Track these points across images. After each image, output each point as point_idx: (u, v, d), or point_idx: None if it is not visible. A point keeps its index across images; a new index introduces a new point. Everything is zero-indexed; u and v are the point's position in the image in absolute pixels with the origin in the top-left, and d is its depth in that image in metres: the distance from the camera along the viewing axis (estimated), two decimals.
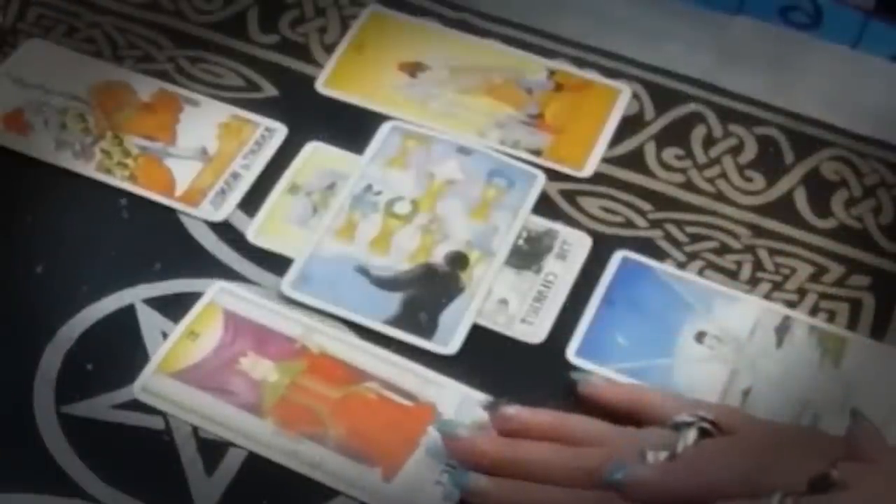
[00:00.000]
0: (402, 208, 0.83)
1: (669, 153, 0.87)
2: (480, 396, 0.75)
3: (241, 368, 0.76)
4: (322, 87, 0.89)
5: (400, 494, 0.72)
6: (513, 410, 0.73)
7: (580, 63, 0.91)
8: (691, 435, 0.70)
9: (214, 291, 0.79)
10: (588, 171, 0.86)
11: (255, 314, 0.78)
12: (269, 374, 0.76)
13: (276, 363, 0.76)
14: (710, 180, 0.86)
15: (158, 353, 0.76)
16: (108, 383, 0.75)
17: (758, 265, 0.82)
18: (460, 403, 0.75)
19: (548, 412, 0.73)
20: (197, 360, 0.76)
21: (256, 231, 0.82)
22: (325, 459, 0.73)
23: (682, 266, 0.82)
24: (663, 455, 0.68)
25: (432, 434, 0.73)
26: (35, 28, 0.91)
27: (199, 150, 0.85)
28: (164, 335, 0.77)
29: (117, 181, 0.84)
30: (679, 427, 0.70)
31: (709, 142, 0.88)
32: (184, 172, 0.84)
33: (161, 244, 0.81)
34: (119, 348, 0.76)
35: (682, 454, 0.69)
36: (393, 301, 0.79)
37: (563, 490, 0.69)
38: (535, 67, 0.91)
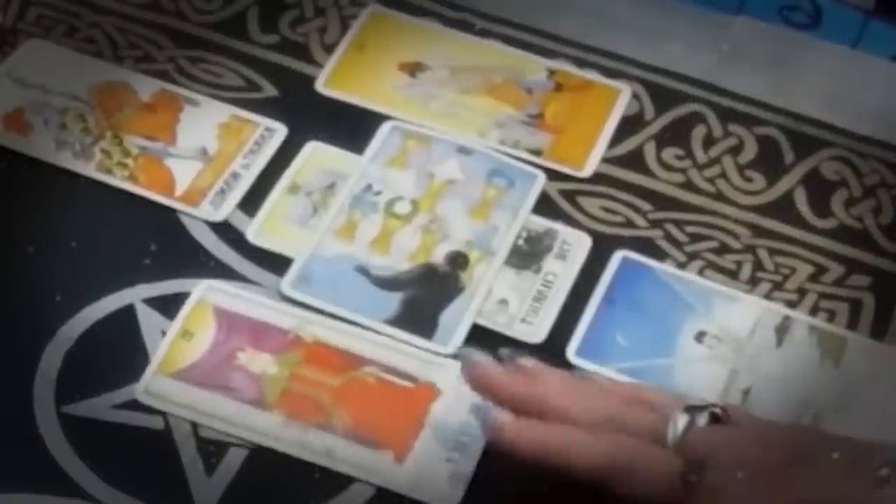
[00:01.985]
0: (402, 208, 0.83)
1: (669, 153, 0.87)
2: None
3: (240, 363, 0.76)
4: (322, 87, 0.89)
5: (413, 475, 0.72)
6: (529, 363, 0.73)
7: (580, 63, 0.91)
8: (703, 418, 0.70)
9: (202, 290, 0.78)
10: (588, 171, 0.86)
11: (245, 309, 0.78)
12: (268, 367, 0.76)
13: (274, 356, 0.76)
14: (710, 180, 0.86)
15: (156, 355, 0.76)
16: (108, 383, 0.75)
17: (758, 265, 0.82)
18: (459, 380, 0.75)
19: (565, 371, 0.73)
20: (194, 360, 0.76)
21: (256, 231, 0.82)
22: (336, 448, 0.73)
23: (682, 266, 0.82)
24: (683, 420, 0.68)
25: (436, 413, 0.73)
26: (35, 28, 0.91)
27: (199, 150, 0.85)
28: (164, 335, 0.77)
29: (117, 181, 0.84)
30: (692, 410, 0.70)
31: (709, 142, 0.88)
32: (184, 172, 0.84)
33: (161, 244, 0.81)
34: (119, 348, 0.76)
35: (699, 429, 0.69)
36: (393, 301, 0.79)
37: (585, 432, 0.69)
38: (536, 67, 0.91)
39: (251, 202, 0.83)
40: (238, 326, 0.77)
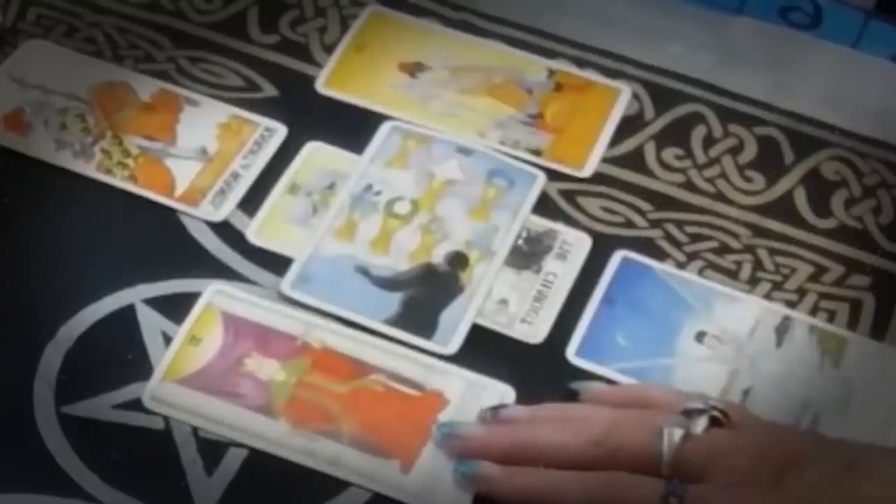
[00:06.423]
0: (402, 208, 0.83)
1: (669, 153, 0.87)
2: (485, 380, 0.75)
3: (248, 370, 0.76)
4: (322, 87, 0.89)
5: (419, 485, 0.72)
6: (514, 412, 0.73)
7: (580, 63, 0.91)
8: (702, 422, 0.70)
9: (210, 294, 0.78)
10: (588, 171, 0.86)
11: (253, 314, 0.78)
12: (276, 373, 0.76)
13: (281, 362, 0.76)
14: (710, 180, 0.86)
15: (163, 360, 0.76)
16: (108, 383, 0.75)
17: (758, 265, 0.82)
18: (466, 389, 0.75)
19: (549, 405, 0.73)
20: (202, 365, 0.76)
21: (256, 231, 0.82)
22: (343, 456, 0.73)
23: (682, 266, 0.82)
24: (678, 434, 0.69)
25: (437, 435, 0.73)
26: (35, 28, 0.91)
27: (199, 150, 0.85)
28: (165, 335, 0.77)
29: (117, 181, 0.84)
30: (691, 414, 0.70)
31: (709, 142, 0.88)
32: (184, 172, 0.84)
33: (161, 244, 0.81)
34: (119, 348, 0.76)
35: (696, 438, 0.69)
36: (393, 301, 0.79)
37: (570, 472, 0.69)
38: (536, 67, 0.91)
39: (251, 202, 0.83)
40: (246, 332, 0.77)
